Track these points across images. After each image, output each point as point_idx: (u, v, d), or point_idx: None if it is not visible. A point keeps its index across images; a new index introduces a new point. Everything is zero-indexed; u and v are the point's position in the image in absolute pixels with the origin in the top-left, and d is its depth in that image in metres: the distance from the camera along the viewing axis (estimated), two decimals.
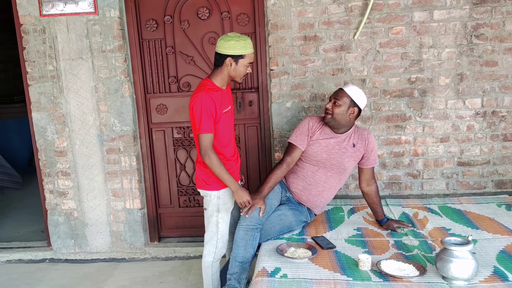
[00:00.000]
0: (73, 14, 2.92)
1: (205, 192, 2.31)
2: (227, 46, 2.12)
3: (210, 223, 2.34)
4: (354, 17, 2.83)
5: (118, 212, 3.18)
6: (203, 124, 2.12)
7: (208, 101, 2.12)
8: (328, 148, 2.41)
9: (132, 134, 3.08)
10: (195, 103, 2.13)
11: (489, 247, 2.15)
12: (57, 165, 3.13)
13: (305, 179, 2.48)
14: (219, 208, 2.30)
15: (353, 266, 2.01)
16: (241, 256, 2.26)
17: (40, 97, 3.05)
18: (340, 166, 2.44)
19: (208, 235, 2.36)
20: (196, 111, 2.13)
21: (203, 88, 2.15)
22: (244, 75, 2.22)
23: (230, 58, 2.14)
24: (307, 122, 2.47)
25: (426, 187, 3.03)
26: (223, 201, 2.30)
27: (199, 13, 3.02)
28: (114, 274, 3.02)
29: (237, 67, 2.16)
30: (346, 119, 2.37)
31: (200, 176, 2.31)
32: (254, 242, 2.28)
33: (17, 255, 3.30)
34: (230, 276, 2.27)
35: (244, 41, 2.14)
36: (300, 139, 2.43)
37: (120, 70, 2.99)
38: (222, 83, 2.22)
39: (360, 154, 2.45)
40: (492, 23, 2.80)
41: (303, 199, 2.50)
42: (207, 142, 2.15)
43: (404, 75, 2.89)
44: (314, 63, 2.90)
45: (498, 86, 2.88)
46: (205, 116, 2.12)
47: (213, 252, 2.36)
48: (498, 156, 2.97)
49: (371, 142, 2.45)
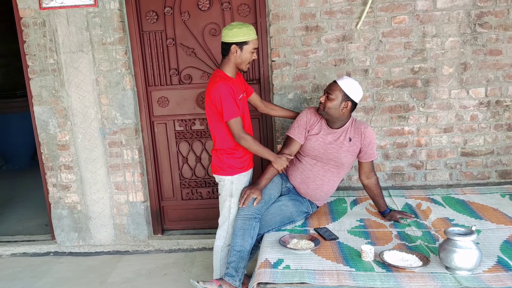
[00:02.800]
0: (73, 7, 2.90)
1: (219, 177, 2.39)
2: (231, 34, 2.23)
3: (224, 208, 2.40)
4: (356, 7, 2.80)
5: (121, 205, 3.19)
6: (230, 111, 2.22)
7: (227, 89, 2.21)
8: (324, 143, 2.40)
9: (134, 127, 3.08)
10: (215, 93, 2.21)
11: (493, 237, 2.14)
12: (59, 159, 3.14)
13: (303, 173, 2.47)
14: (232, 193, 2.37)
15: (356, 257, 2.01)
16: (239, 245, 2.28)
17: (41, 90, 3.04)
18: (337, 161, 2.43)
19: (221, 219, 2.43)
20: (218, 101, 2.22)
21: (217, 79, 2.24)
22: (250, 61, 2.30)
23: (235, 45, 2.24)
24: (305, 115, 2.46)
25: (429, 178, 3.01)
26: (236, 186, 2.37)
27: (199, 4, 2.99)
28: (118, 266, 3.03)
29: (242, 53, 2.26)
30: (339, 113, 2.33)
31: (215, 162, 2.40)
32: (252, 232, 2.29)
33: (21, 248, 3.32)
34: (228, 264, 2.30)
35: (247, 27, 2.25)
36: (298, 132, 2.43)
37: (121, 62, 2.97)
38: (232, 73, 2.32)
39: (357, 148, 2.42)
40: (497, 11, 2.76)
41: (301, 192, 2.50)
42: (238, 125, 2.25)
43: (407, 65, 2.86)
44: (316, 53, 2.88)
45: (502, 75, 2.84)
46: (229, 102, 2.21)
47: (223, 237, 2.41)
48: (502, 146, 2.94)
49: (367, 137, 2.40)
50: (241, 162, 2.38)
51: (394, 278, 1.80)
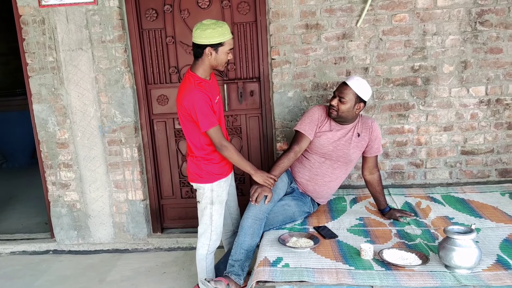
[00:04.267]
0: (72, 4, 2.89)
1: (198, 185, 2.29)
2: (205, 36, 2.06)
3: (204, 216, 2.32)
4: (356, 4, 2.79)
5: (120, 203, 3.18)
6: (207, 121, 2.11)
7: (202, 97, 2.09)
8: (334, 140, 2.40)
9: (133, 125, 3.07)
10: (188, 102, 2.09)
11: (492, 236, 2.14)
12: (59, 157, 3.13)
13: (311, 170, 2.46)
14: (213, 200, 2.28)
15: (355, 255, 2.01)
16: (247, 244, 2.26)
17: (40, 88, 3.04)
18: (346, 157, 2.43)
19: (202, 227, 2.34)
20: (193, 111, 2.10)
21: (191, 85, 2.12)
22: (226, 62, 2.18)
23: (209, 47, 2.09)
24: (316, 111, 2.43)
25: (429, 176, 3.00)
26: (217, 193, 2.28)
27: (199, 2, 2.98)
28: (118, 265, 3.03)
29: (218, 55, 2.11)
30: (353, 114, 2.35)
31: (192, 170, 2.28)
32: (260, 231, 2.29)
33: (21, 246, 3.32)
34: (234, 262, 2.26)
35: (221, 27, 2.08)
36: (310, 128, 2.39)
37: (120, 60, 2.96)
38: (206, 74, 2.18)
39: (365, 143, 2.43)
40: (497, 9, 2.75)
41: (309, 189, 2.49)
42: (218, 135, 2.15)
43: (408, 63, 2.85)
44: (316, 51, 2.87)
45: (502, 73, 2.83)
46: (205, 112, 2.10)
47: (207, 245, 2.34)
48: (502, 145, 2.94)
49: (375, 130, 2.43)
50: (220, 168, 2.27)
51: (393, 277, 1.80)
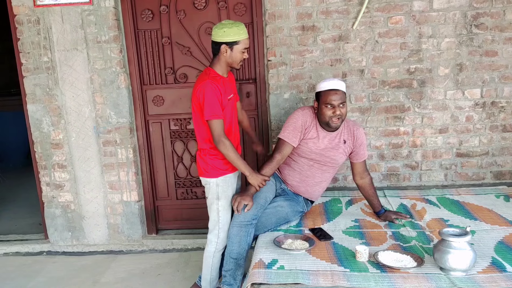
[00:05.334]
0: (67, 4, 2.87)
1: (205, 179, 2.32)
2: (221, 34, 2.16)
3: (212, 212, 2.34)
4: (352, 7, 2.79)
5: (115, 204, 3.16)
6: (211, 110, 2.13)
7: (214, 88, 2.14)
8: (322, 148, 2.39)
9: (129, 126, 3.05)
10: (200, 91, 2.15)
11: (487, 238, 2.14)
12: (53, 158, 3.11)
13: (301, 172, 2.46)
14: (218, 195, 2.30)
15: (350, 258, 2.00)
16: (236, 253, 2.25)
17: (35, 88, 3.01)
18: (334, 162, 2.43)
19: (211, 224, 2.36)
20: (203, 99, 2.14)
21: (206, 77, 2.18)
22: (241, 61, 2.24)
23: (225, 45, 2.17)
24: (300, 116, 2.37)
25: (424, 179, 3.01)
26: (222, 188, 2.30)
27: (195, 3, 2.98)
28: (112, 266, 3.01)
29: (233, 53, 2.20)
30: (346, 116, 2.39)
31: (200, 164, 2.33)
32: (248, 238, 2.26)
33: (14, 247, 3.29)
34: (225, 273, 2.27)
35: (237, 27, 2.17)
36: (293, 136, 2.35)
37: (116, 61, 2.95)
38: (223, 71, 2.26)
39: (350, 149, 2.45)
40: (493, 12, 2.76)
41: (300, 190, 2.49)
42: (219, 127, 2.16)
43: (403, 66, 2.86)
44: (312, 53, 2.87)
45: (497, 76, 2.85)
46: (212, 102, 2.13)
47: (215, 242, 2.35)
48: (497, 147, 2.95)
49: (359, 138, 2.42)
50: (224, 163, 2.27)
51: (388, 279, 1.80)
